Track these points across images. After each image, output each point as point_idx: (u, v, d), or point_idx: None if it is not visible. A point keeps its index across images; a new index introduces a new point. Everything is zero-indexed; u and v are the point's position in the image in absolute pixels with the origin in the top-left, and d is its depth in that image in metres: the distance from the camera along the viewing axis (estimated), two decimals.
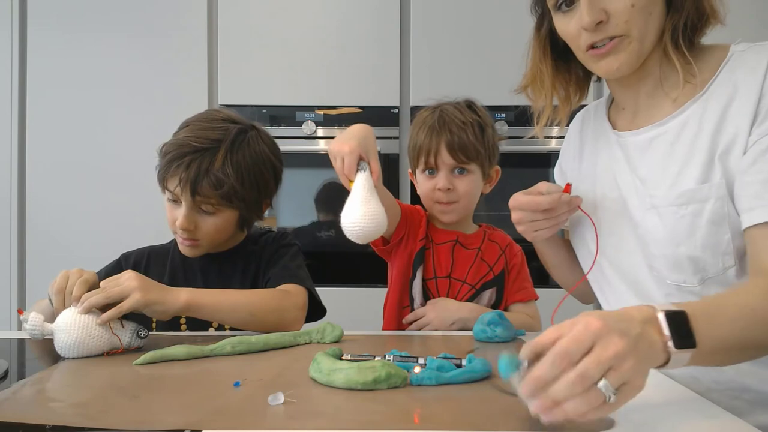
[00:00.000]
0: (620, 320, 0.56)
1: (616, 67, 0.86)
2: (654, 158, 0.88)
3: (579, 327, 0.54)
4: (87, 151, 2.21)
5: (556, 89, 0.97)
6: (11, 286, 2.20)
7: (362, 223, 0.89)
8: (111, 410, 0.63)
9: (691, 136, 0.84)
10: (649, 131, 0.90)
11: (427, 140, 1.22)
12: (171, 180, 1.11)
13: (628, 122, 0.95)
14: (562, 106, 0.98)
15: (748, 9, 2.11)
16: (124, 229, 2.13)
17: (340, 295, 1.90)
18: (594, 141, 1.01)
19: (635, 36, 0.83)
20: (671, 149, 0.86)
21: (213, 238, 1.17)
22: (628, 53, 0.84)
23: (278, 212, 2.25)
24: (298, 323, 1.10)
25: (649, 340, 0.57)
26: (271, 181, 1.21)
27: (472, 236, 1.30)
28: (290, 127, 2.19)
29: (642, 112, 0.92)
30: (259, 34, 2.21)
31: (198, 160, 1.09)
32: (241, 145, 1.14)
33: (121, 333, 0.91)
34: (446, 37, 2.20)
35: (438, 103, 1.28)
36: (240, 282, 1.20)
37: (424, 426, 0.58)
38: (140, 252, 1.27)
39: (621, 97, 0.96)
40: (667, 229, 0.84)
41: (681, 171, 0.84)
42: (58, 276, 0.98)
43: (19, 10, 2.22)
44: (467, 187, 1.24)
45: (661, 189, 0.86)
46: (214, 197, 1.11)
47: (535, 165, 2.21)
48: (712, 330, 0.63)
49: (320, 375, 0.72)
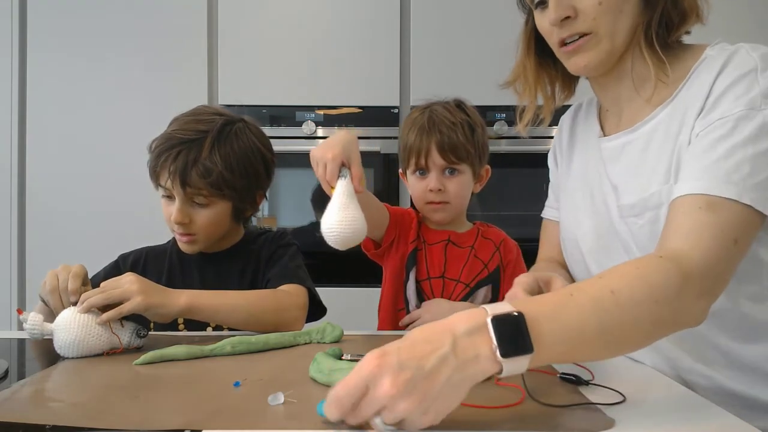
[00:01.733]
0: (425, 341, 0.54)
1: (584, 64, 0.86)
2: (625, 166, 0.88)
3: (353, 370, 0.54)
4: (87, 151, 2.21)
5: (540, 85, 0.96)
6: (11, 286, 2.20)
7: (339, 229, 0.89)
8: (111, 410, 0.63)
9: (659, 143, 0.84)
10: (621, 137, 0.90)
11: (418, 141, 1.22)
12: (161, 174, 1.12)
13: (614, 125, 0.95)
14: (547, 103, 0.97)
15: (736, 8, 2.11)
16: (125, 230, 2.13)
17: (340, 295, 1.90)
18: (584, 141, 1.01)
19: (603, 34, 0.83)
20: (642, 156, 0.86)
21: (209, 232, 1.17)
22: (596, 51, 0.84)
23: (278, 212, 2.25)
24: (299, 323, 1.10)
25: (466, 356, 0.54)
26: (263, 172, 1.21)
27: (465, 235, 1.30)
28: (290, 127, 2.19)
29: (625, 114, 0.92)
30: (259, 34, 2.21)
31: (185, 151, 1.10)
32: (229, 135, 1.15)
33: (121, 332, 0.91)
34: (446, 37, 2.20)
35: (428, 103, 1.28)
36: (238, 282, 1.20)
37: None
38: (138, 252, 1.27)
39: (602, 98, 0.96)
40: (634, 237, 0.85)
41: (649, 179, 0.84)
42: (47, 277, 0.98)
43: (19, 9, 2.22)
44: (458, 188, 1.24)
45: (630, 197, 0.86)
46: (205, 187, 1.11)
47: (534, 165, 2.20)
48: (558, 325, 0.59)
49: (320, 375, 0.72)
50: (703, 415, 0.64)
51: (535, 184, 2.24)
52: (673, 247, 0.71)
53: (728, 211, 0.71)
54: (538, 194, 2.27)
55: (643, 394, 0.71)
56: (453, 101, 1.28)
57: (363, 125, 2.19)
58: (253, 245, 1.25)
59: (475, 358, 0.54)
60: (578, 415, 0.62)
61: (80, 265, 0.99)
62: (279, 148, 2.16)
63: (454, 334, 0.55)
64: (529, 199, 2.23)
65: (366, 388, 0.53)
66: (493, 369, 0.55)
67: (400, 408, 0.52)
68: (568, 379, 0.73)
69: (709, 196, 0.72)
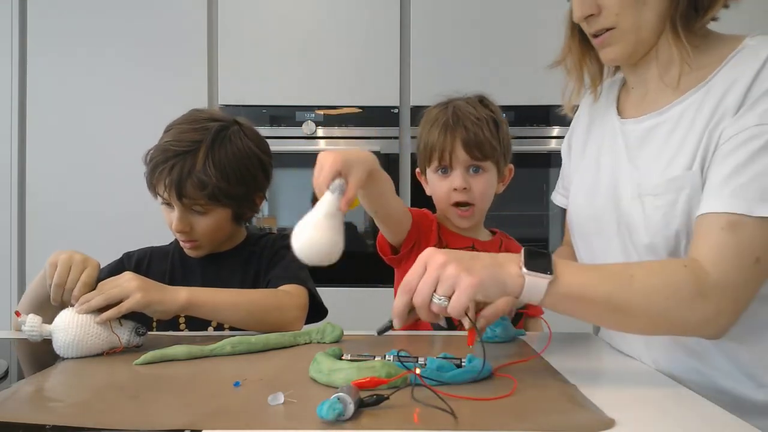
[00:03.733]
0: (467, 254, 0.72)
1: (612, 57, 0.88)
2: (651, 148, 0.88)
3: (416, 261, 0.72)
4: (87, 151, 2.21)
5: (586, 65, 0.96)
6: (11, 286, 2.20)
7: (304, 247, 0.85)
8: (111, 410, 0.63)
9: (686, 126, 0.83)
10: (649, 119, 0.89)
11: (441, 138, 1.17)
12: (158, 186, 1.13)
13: (634, 106, 0.94)
14: (593, 82, 0.98)
15: None
16: (125, 229, 2.13)
17: (340, 294, 1.89)
18: (602, 123, 1.00)
19: (627, 28, 0.84)
20: (668, 138, 0.85)
21: (211, 237, 1.17)
22: (622, 45, 0.86)
23: (278, 212, 2.25)
24: (299, 323, 1.10)
25: (499, 259, 0.72)
26: (260, 175, 1.20)
27: (488, 244, 1.26)
28: (290, 127, 2.19)
29: (650, 96, 0.91)
30: (259, 34, 2.21)
31: (180, 163, 1.10)
32: (223, 143, 1.14)
33: (120, 331, 0.91)
34: (446, 36, 2.20)
35: (448, 99, 1.24)
36: (240, 283, 1.20)
37: (424, 426, 0.58)
38: (142, 252, 1.27)
39: (631, 77, 0.95)
40: (647, 218, 0.84)
41: (672, 160, 0.83)
42: (60, 260, 0.95)
43: (19, 9, 2.22)
44: (483, 186, 1.19)
45: (652, 177, 0.85)
46: (201, 198, 1.11)
47: (534, 165, 2.21)
48: (577, 278, 0.72)
49: (320, 375, 0.72)
50: (703, 414, 0.64)
51: (536, 184, 2.24)
52: (697, 260, 0.73)
53: (750, 229, 0.72)
54: (539, 194, 2.28)
55: (644, 394, 0.71)
56: (475, 96, 1.24)
57: (363, 125, 2.19)
58: (255, 247, 1.25)
59: (507, 261, 0.72)
60: (578, 415, 0.62)
61: (95, 266, 0.97)
62: (279, 148, 2.17)
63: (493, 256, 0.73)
64: (529, 199, 2.23)
65: (425, 267, 0.71)
66: (517, 276, 0.70)
67: (447, 273, 0.69)
68: None
69: (730, 215, 0.72)
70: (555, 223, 2.23)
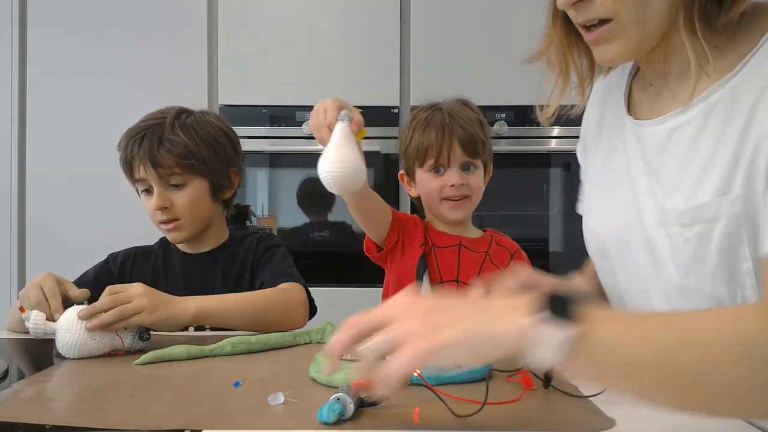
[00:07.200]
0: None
1: (609, 57, 0.70)
2: (673, 157, 0.69)
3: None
4: (87, 151, 2.21)
5: (573, 60, 0.76)
6: (11, 286, 2.20)
7: (333, 168, 0.87)
8: (111, 410, 0.63)
9: (715, 132, 0.64)
10: (669, 120, 0.70)
11: (439, 137, 1.22)
12: (133, 164, 1.17)
13: (649, 103, 0.76)
14: (581, 81, 0.78)
15: None
16: (126, 230, 2.11)
17: (339, 294, 1.90)
18: (613, 122, 0.82)
19: (628, 21, 0.65)
20: (693, 146, 0.67)
21: (192, 214, 1.20)
22: (623, 42, 0.67)
23: (278, 212, 2.25)
24: (303, 318, 1.12)
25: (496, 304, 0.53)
26: (229, 147, 1.25)
27: (478, 240, 1.29)
28: (290, 127, 2.19)
29: (666, 91, 0.73)
30: (259, 34, 2.21)
31: (149, 134, 1.17)
32: (189, 117, 1.22)
33: (123, 334, 0.90)
34: (446, 37, 2.20)
35: (432, 103, 1.28)
36: (222, 284, 1.21)
37: (424, 425, 0.58)
38: (127, 252, 1.29)
39: (647, 71, 0.77)
40: (675, 252, 0.67)
41: (700, 177, 0.65)
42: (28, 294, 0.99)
43: (19, 9, 2.21)
44: (477, 182, 1.25)
45: (675, 199, 0.67)
46: (175, 164, 1.16)
47: (535, 165, 2.21)
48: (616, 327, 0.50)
49: (320, 375, 0.72)
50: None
51: (535, 184, 2.24)
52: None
53: None
54: (538, 194, 2.28)
55: None
56: (458, 100, 1.29)
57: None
58: (238, 247, 1.26)
59: (508, 307, 0.51)
60: (578, 415, 0.62)
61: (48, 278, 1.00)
62: (279, 148, 2.18)
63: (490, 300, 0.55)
64: (529, 199, 2.23)
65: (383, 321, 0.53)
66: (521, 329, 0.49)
67: (404, 323, 0.51)
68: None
69: None
70: (555, 223, 2.23)
